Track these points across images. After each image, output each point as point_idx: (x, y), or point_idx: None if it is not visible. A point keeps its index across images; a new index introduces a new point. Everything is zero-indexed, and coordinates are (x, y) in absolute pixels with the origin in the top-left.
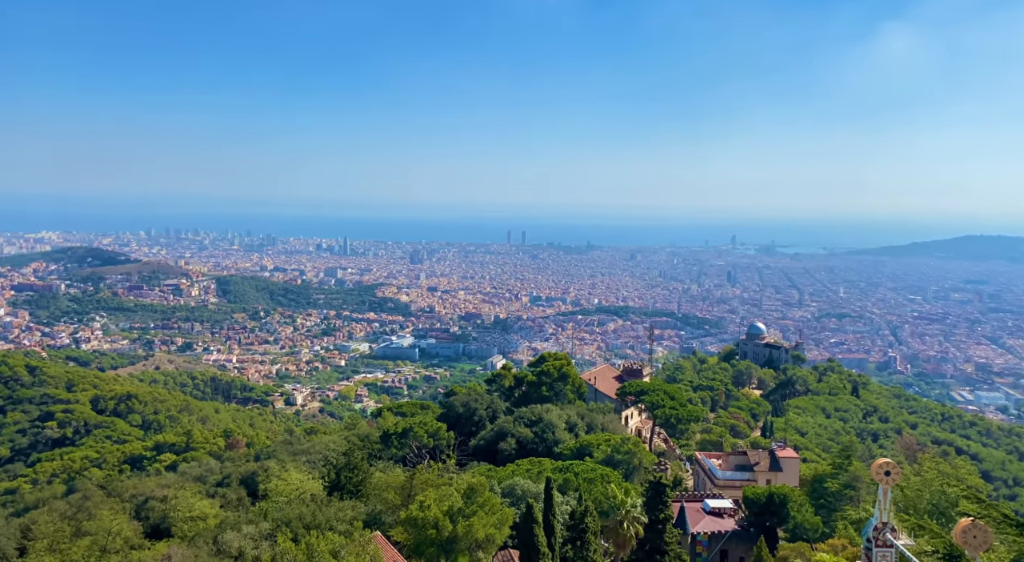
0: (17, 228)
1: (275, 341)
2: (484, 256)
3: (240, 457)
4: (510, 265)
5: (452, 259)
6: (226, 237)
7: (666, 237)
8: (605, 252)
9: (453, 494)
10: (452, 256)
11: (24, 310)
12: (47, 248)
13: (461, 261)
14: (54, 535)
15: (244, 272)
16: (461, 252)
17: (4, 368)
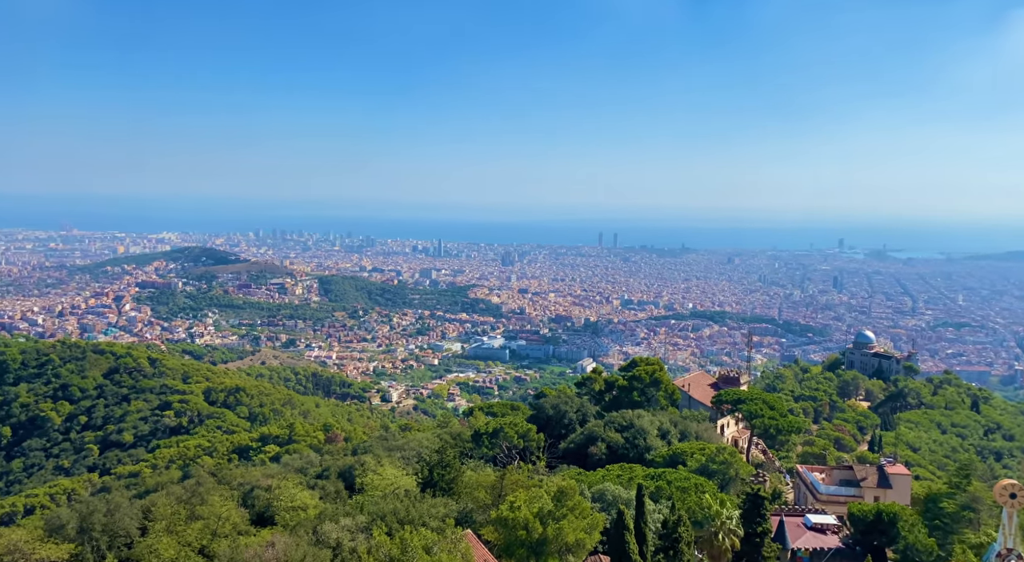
0: (141, 229)
1: (372, 339)
2: (575, 258)
3: (338, 451)
4: (601, 268)
5: (543, 261)
6: (328, 238)
7: (766, 240)
8: (701, 255)
9: (543, 496)
10: (543, 258)
11: (147, 306)
12: (167, 248)
13: (552, 263)
14: (171, 517)
15: (344, 272)
16: (552, 254)
17: (129, 360)
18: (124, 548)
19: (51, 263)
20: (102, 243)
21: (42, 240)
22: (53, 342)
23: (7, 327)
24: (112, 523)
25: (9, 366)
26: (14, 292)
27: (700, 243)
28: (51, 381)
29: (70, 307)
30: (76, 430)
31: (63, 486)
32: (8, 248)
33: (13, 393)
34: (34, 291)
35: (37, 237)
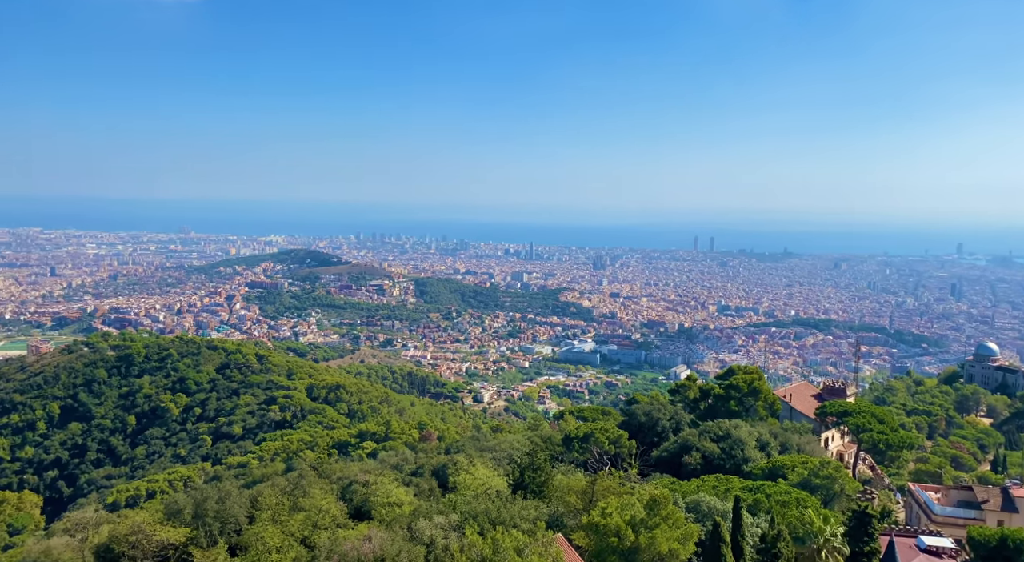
0: (251, 232)
1: (465, 340)
2: (669, 262)
3: (432, 449)
4: (696, 272)
5: (635, 265)
6: (424, 241)
7: (876, 245)
8: (804, 260)
9: (635, 503)
10: (635, 262)
11: (255, 305)
12: (274, 250)
13: (644, 267)
14: (276, 508)
15: (439, 274)
16: (644, 258)
17: (238, 356)
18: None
19: (171, 264)
20: (216, 245)
21: (164, 242)
22: (172, 338)
23: (133, 323)
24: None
25: (134, 359)
26: (139, 290)
27: (804, 247)
28: (170, 374)
29: (187, 305)
30: (192, 421)
31: (180, 473)
32: (135, 249)
33: (137, 385)
34: (156, 290)
35: (159, 239)
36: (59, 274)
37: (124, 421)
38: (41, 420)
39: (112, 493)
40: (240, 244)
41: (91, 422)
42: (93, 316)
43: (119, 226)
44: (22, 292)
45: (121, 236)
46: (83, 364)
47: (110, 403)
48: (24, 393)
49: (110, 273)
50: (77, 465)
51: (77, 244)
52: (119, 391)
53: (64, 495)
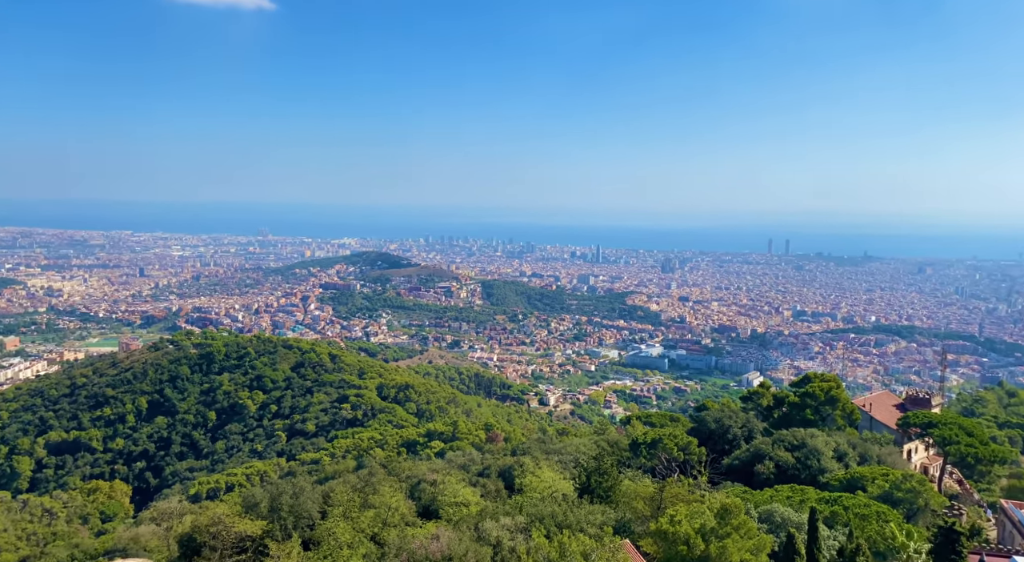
0: (326, 235)
1: (531, 343)
2: (741, 266)
3: (498, 450)
4: (770, 276)
5: (705, 268)
6: (491, 244)
7: (965, 248)
8: (885, 264)
9: (705, 512)
10: (706, 265)
11: (329, 305)
12: (347, 252)
13: (715, 271)
14: (347, 504)
15: (505, 277)
16: (715, 261)
17: (313, 355)
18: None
19: (250, 265)
20: (292, 247)
21: (243, 245)
22: (250, 337)
23: (213, 322)
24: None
25: (215, 357)
26: (220, 291)
27: (885, 251)
28: (248, 372)
29: (264, 305)
30: (268, 418)
31: (257, 468)
32: (216, 251)
33: (217, 382)
34: (235, 290)
35: (239, 242)
36: (147, 275)
37: (205, 416)
38: (130, 413)
39: (194, 485)
40: (315, 246)
41: (175, 417)
42: (177, 315)
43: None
44: (114, 292)
45: (203, 238)
46: (168, 361)
47: (192, 399)
48: (115, 387)
49: (193, 274)
50: (162, 457)
51: (164, 246)
52: (201, 387)
53: (151, 486)
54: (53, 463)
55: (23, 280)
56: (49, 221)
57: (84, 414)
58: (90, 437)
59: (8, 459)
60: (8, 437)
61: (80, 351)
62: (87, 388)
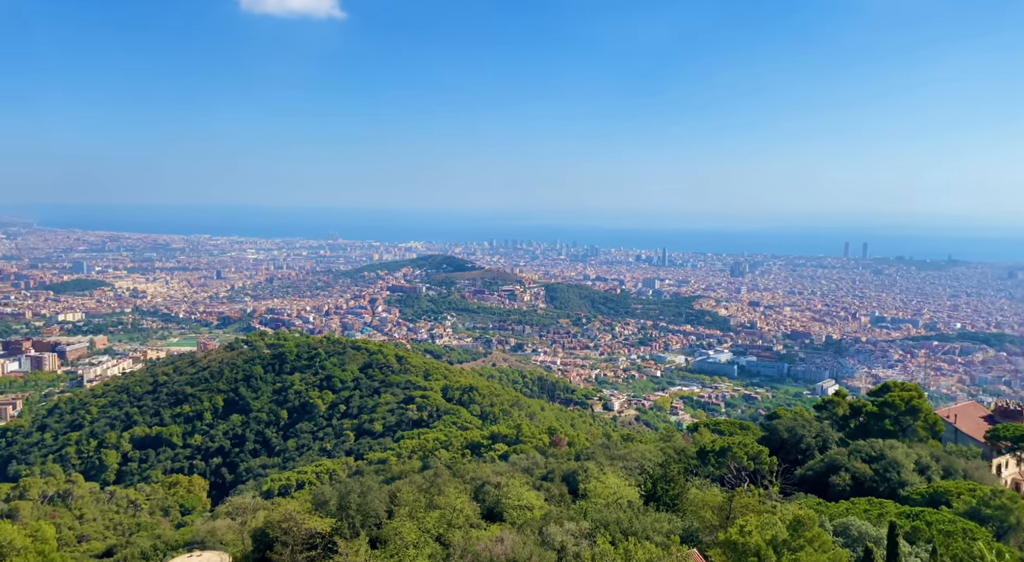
0: (393, 238)
1: (595, 347)
2: (815, 270)
3: (562, 455)
4: (846, 281)
5: (777, 273)
6: (555, 247)
7: None
8: (972, 268)
9: (777, 523)
10: (777, 269)
11: (395, 308)
12: (413, 255)
13: (788, 275)
14: (413, 504)
15: (569, 280)
16: (788, 265)
17: (380, 356)
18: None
19: (320, 268)
20: (361, 251)
21: (314, 248)
22: (320, 338)
23: (286, 323)
24: (365, 504)
25: (287, 357)
26: (292, 293)
27: (971, 255)
28: (318, 372)
29: (334, 307)
30: (337, 417)
31: (326, 466)
32: (288, 254)
33: (289, 381)
34: (307, 293)
35: (310, 245)
36: (224, 277)
37: (277, 415)
38: (208, 411)
39: (267, 482)
40: (382, 250)
41: (249, 415)
42: (252, 316)
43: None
44: (193, 293)
45: (277, 242)
46: (243, 361)
47: (265, 398)
48: (194, 386)
49: (267, 276)
50: (237, 454)
51: (239, 249)
52: (273, 387)
53: (226, 481)
54: (137, 457)
55: (111, 282)
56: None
57: (165, 411)
58: (171, 433)
59: (97, 452)
60: (97, 431)
61: (162, 350)
62: (168, 386)
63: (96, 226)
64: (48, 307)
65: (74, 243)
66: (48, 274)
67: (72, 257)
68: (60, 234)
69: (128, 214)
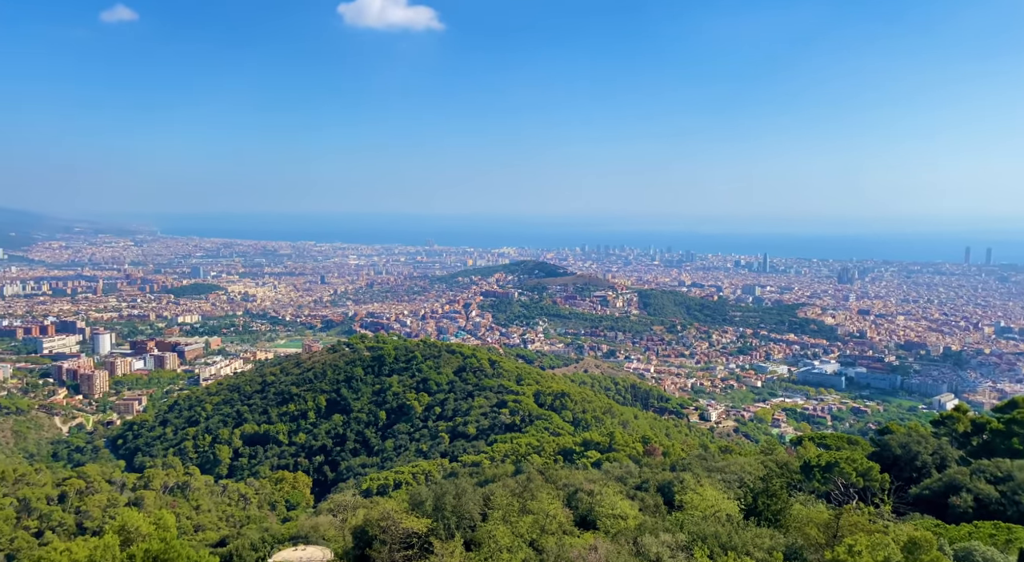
0: (486, 244)
1: (690, 355)
2: (932, 277)
3: (656, 464)
4: (967, 288)
5: (889, 279)
6: (648, 253)
7: None
8: None
9: (890, 544)
10: (889, 276)
11: (488, 312)
12: (506, 261)
13: (901, 282)
14: (507, 508)
15: (663, 286)
16: (901, 272)
17: (474, 360)
18: (468, 530)
19: (417, 273)
20: (455, 257)
21: (411, 254)
22: (417, 341)
23: (384, 327)
24: (459, 506)
25: (385, 360)
26: (390, 297)
27: None
28: (415, 374)
29: (430, 312)
30: (432, 419)
31: (422, 467)
32: (387, 260)
33: (387, 383)
34: (404, 297)
35: (408, 251)
36: (327, 282)
37: (376, 415)
38: (312, 410)
39: (366, 481)
40: (476, 255)
41: (350, 415)
42: (353, 320)
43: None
44: (299, 297)
45: (377, 248)
46: (344, 362)
47: (365, 399)
48: (299, 386)
49: (367, 281)
50: (338, 453)
51: (342, 255)
52: (373, 388)
53: (328, 478)
54: (247, 453)
55: (224, 286)
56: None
57: (273, 409)
58: (277, 431)
59: (211, 447)
60: (211, 427)
61: (270, 351)
62: (275, 386)
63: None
64: (169, 309)
65: (192, 250)
66: (169, 279)
67: (190, 263)
68: (180, 241)
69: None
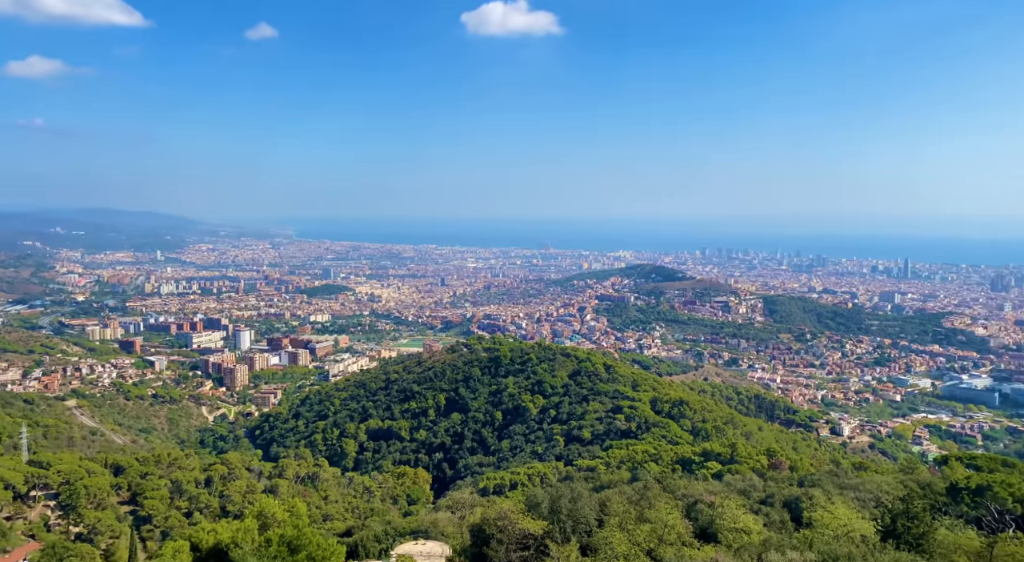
0: (602, 248)
1: (821, 365)
2: None
3: (782, 479)
4: None
5: None
6: (775, 257)
7: None
8: None
9: None
10: None
11: (604, 316)
12: (622, 265)
13: None
14: (623, 515)
15: (791, 292)
16: None
17: (588, 364)
18: (584, 535)
19: (533, 276)
20: (570, 260)
21: (527, 257)
22: (532, 344)
23: (501, 329)
24: (575, 510)
25: (501, 361)
26: (506, 300)
27: None
28: (530, 376)
29: (545, 314)
30: (547, 422)
31: (537, 469)
32: (504, 263)
33: (503, 384)
34: (520, 300)
35: (524, 255)
36: (447, 284)
37: (493, 416)
38: (432, 408)
39: (483, 479)
40: (591, 259)
41: (468, 414)
42: (471, 321)
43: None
44: (420, 298)
45: (494, 252)
46: (463, 362)
47: (482, 399)
48: (420, 384)
49: (484, 284)
50: (456, 451)
51: (461, 258)
52: (489, 389)
53: (446, 476)
54: (371, 447)
55: (352, 287)
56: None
57: (395, 406)
58: (399, 427)
59: (339, 440)
60: (339, 421)
61: (393, 350)
62: (398, 383)
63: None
64: (302, 309)
65: (323, 252)
66: (303, 279)
67: (322, 265)
68: (313, 244)
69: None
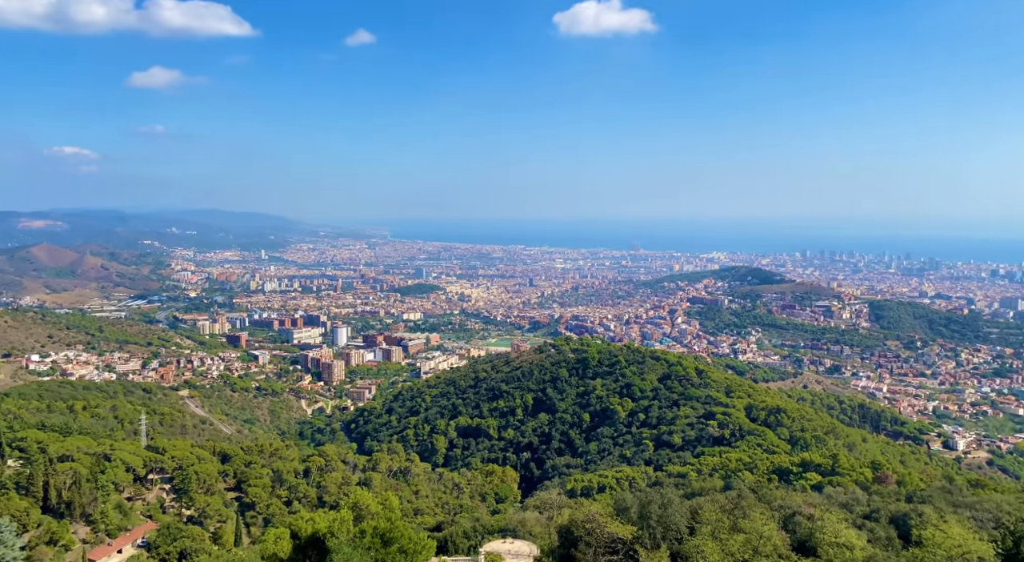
0: (694, 249)
1: (933, 375)
2: None
3: (889, 494)
4: None
5: None
6: (882, 260)
7: None
8: None
9: None
10: None
11: (695, 320)
12: (715, 267)
13: None
14: (716, 524)
15: (900, 297)
16: None
17: (679, 368)
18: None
19: (622, 278)
20: (661, 262)
21: (616, 258)
22: (621, 346)
23: (588, 330)
24: (665, 516)
25: (589, 363)
26: (594, 301)
27: None
28: (618, 379)
29: (634, 316)
30: (636, 425)
31: (626, 473)
32: (592, 264)
33: (591, 386)
34: (608, 301)
35: (613, 256)
36: (535, 285)
37: (580, 417)
38: (519, 408)
39: (570, 481)
40: (683, 260)
41: (555, 415)
42: (558, 322)
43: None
44: (508, 299)
45: (582, 253)
46: (550, 363)
47: (570, 400)
48: (508, 383)
49: (572, 285)
50: (544, 451)
51: (549, 259)
52: (577, 390)
53: (533, 475)
54: (461, 444)
55: (443, 287)
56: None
57: (484, 404)
58: (488, 425)
59: (430, 436)
60: (430, 418)
61: (482, 349)
62: (487, 382)
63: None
64: (396, 307)
65: (416, 252)
66: (396, 279)
67: (414, 264)
68: (406, 245)
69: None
